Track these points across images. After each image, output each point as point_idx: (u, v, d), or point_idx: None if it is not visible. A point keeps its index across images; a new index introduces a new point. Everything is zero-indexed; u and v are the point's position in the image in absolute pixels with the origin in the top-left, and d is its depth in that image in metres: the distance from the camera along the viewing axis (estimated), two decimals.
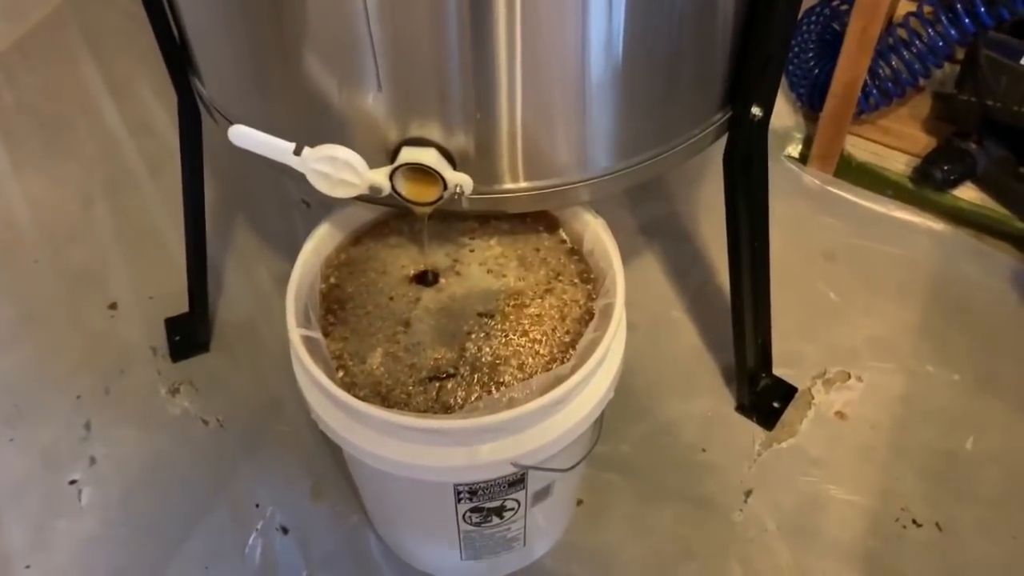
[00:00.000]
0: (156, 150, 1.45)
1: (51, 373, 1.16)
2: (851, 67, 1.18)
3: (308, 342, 0.74)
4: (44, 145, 1.47)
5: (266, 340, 1.18)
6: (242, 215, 1.34)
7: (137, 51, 1.62)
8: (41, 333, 1.20)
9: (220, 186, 1.33)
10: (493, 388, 0.75)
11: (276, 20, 0.69)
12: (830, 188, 1.34)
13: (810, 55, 1.33)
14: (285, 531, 1.00)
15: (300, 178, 0.73)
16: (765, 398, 1.10)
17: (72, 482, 1.05)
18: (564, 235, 0.87)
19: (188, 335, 1.17)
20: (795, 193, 1.33)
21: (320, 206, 1.35)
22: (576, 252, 0.85)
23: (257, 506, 1.02)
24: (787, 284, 1.16)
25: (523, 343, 0.78)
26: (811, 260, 1.26)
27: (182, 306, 1.18)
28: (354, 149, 0.70)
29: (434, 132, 0.72)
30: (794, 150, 1.38)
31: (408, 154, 0.71)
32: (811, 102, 1.35)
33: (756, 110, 0.83)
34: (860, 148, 1.33)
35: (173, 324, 1.19)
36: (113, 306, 1.23)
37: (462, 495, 0.78)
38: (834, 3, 1.34)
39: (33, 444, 1.09)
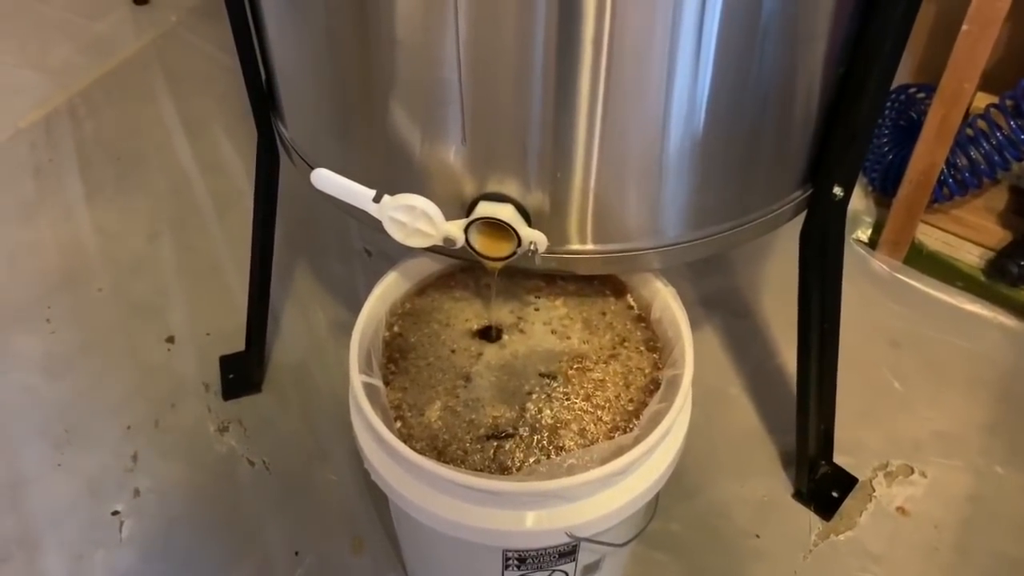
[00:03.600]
0: (225, 190, 1.47)
1: (104, 401, 1.16)
2: (928, 154, 1.17)
3: (368, 389, 0.73)
4: (117, 178, 1.51)
5: (319, 386, 1.18)
6: (303, 260, 1.35)
7: (215, 94, 1.67)
8: (97, 360, 1.21)
9: (284, 229, 1.33)
10: (552, 452, 0.73)
11: (367, 70, 0.70)
12: (899, 275, 1.31)
13: (885, 140, 1.32)
14: None
15: (374, 225, 0.73)
16: (824, 486, 1.06)
17: (115, 513, 1.04)
18: (631, 301, 0.85)
19: (241, 374, 1.17)
20: (863, 278, 1.31)
21: (381, 256, 1.35)
22: (643, 319, 0.84)
23: (296, 553, 1.00)
24: (850, 369, 1.12)
25: (585, 408, 0.76)
26: (876, 347, 1.23)
27: (238, 345, 1.18)
28: (431, 200, 0.70)
29: (512, 188, 0.71)
30: (863, 234, 1.35)
31: (485, 208, 0.71)
32: (883, 187, 1.33)
33: (837, 190, 0.81)
34: (931, 237, 1.30)
35: (228, 362, 1.19)
36: (170, 339, 1.24)
37: (510, 561, 0.75)
38: (911, 90, 1.33)
39: (80, 471, 1.09)
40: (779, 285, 1.30)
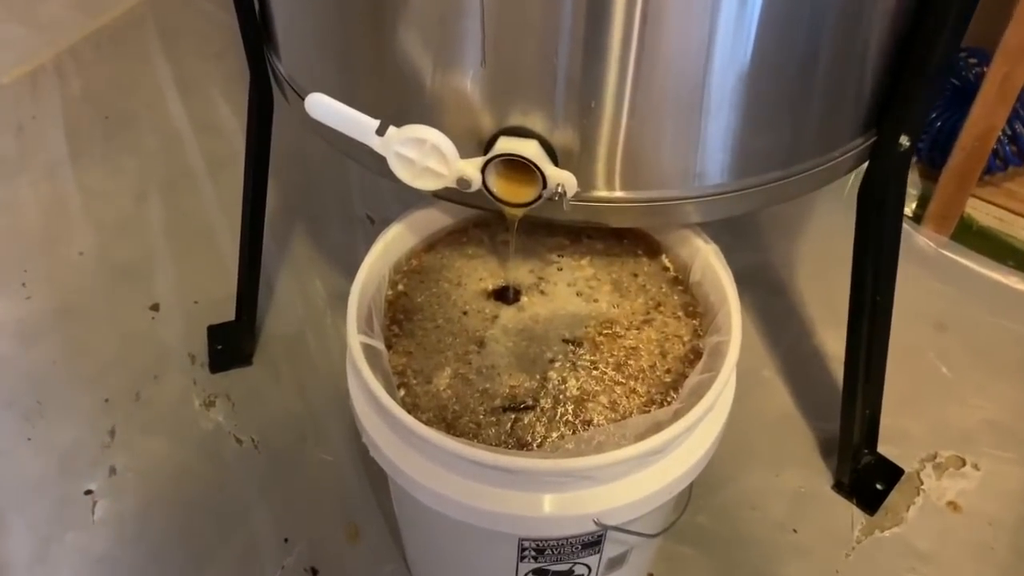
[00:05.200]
0: (218, 151, 1.38)
1: (80, 371, 1.07)
2: (986, 117, 1.07)
3: (368, 352, 0.64)
4: (105, 137, 1.41)
5: (314, 359, 1.08)
6: (301, 225, 1.25)
7: (210, 53, 1.58)
8: (75, 327, 1.12)
9: (281, 193, 1.25)
10: (579, 427, 0.64)
11: None
12: (945, 252, 1.21)
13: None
14: (314, 572, 0.89)
15: (377, 167, 0.63)
16: (867, 478, 0.96)
17: (87, 492, 0.96)
18: (667, 262, 0.76)
19: (231, 345, 1.08)
20: (906, 255, 1.18)
21: (384, 223, 1.25)
22: (680, 282, 0.74)
23: (286, 540, 0.91)
24: (892, 353, 1.03)
25: (616, 378, 0.66)
26: (921, 329, 1.13)
27: (228, 314, 1.09)
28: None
29: (537, 122, 0.62)
30: (907, 208, 1.26)
31: (506, 144, 0.61)
32: (931, 157, 1.23)
33: (904, 139, 0.72)
34: (982, 211, 1.20)
35: (216, 332, 1.10)
36: (155, 307, 1.15)
37: (527, 552, 0.66)
38: (961, 54, 1.23)
39: (51, 446, 1.00)
40: (815, 261, 1.21)
